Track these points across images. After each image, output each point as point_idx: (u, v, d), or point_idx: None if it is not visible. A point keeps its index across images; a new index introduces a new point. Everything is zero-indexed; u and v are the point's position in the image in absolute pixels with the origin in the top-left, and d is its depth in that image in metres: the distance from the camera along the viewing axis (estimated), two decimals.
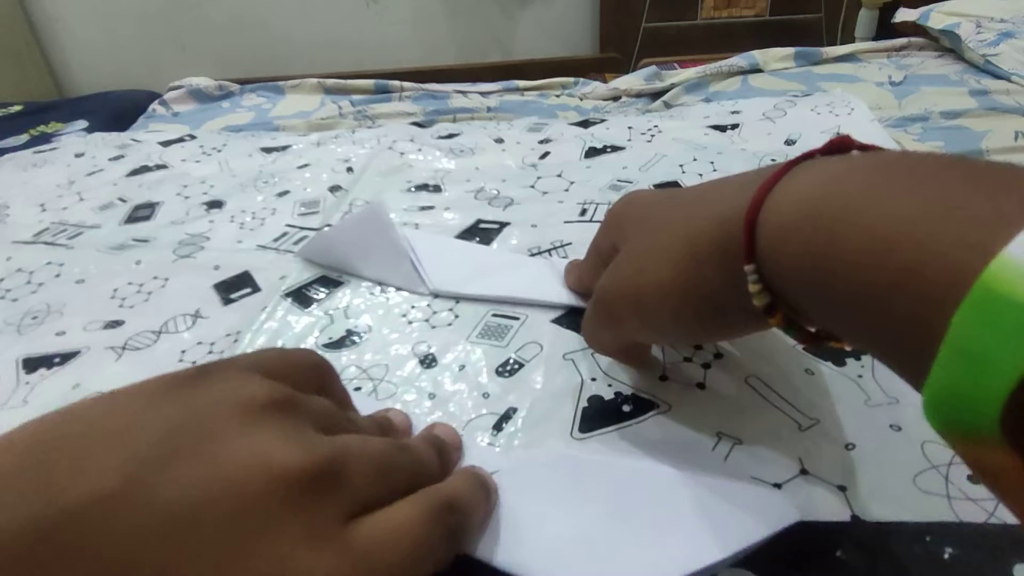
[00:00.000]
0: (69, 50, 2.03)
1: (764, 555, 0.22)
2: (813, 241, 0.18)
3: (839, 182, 0.18)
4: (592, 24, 2.08)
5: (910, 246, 0.15)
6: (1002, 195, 0.14)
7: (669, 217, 0.25)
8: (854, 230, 0.16)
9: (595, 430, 0.28)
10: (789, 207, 0.19)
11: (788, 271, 0.19)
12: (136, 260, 0.45)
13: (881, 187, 0.17)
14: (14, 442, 0.17)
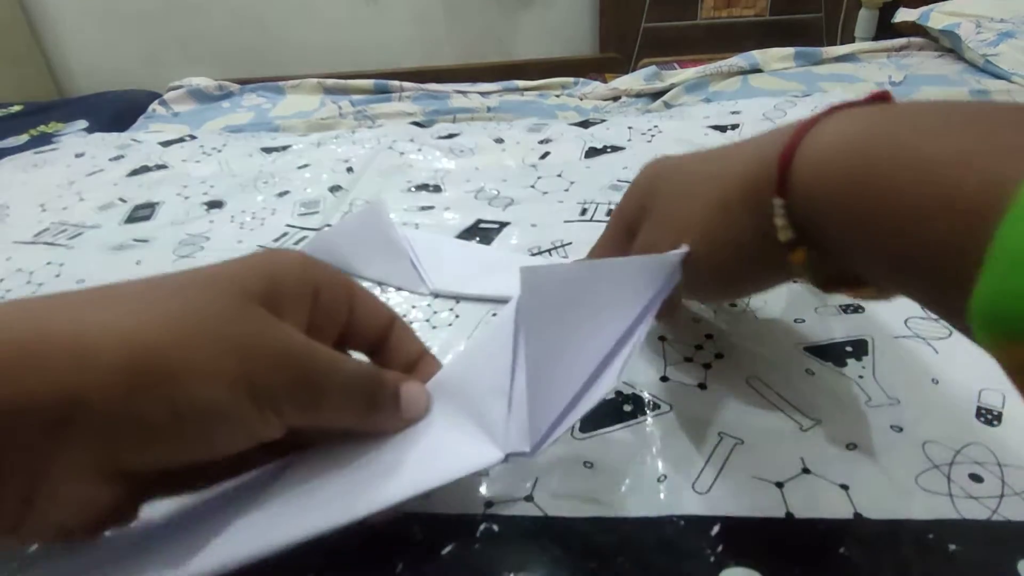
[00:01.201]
0: (69, 50, 2.03)
1: (767, 552, 0.22)
2: (856, 171, 0.18)
3: (884, 120, 0.19)
4: (592, 24, 2.08)
5: (955, 170, 0.16)
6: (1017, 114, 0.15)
7: (701, 170, 0.25)
8: (900, 159, 0.17)
9: (596, 430, 0.28)
10: (831, 142, 0.20)
11: (823, 203, 0.19)
12: (136, 260, 0.45)
13: (926, 123, 0.18)
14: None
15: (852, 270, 0.21)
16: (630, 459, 0.27)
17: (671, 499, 0.25)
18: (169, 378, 0.17)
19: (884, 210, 0.18)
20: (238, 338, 0.18)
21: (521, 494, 0.25)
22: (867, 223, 0.18)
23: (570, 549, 0.23)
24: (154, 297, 0.19)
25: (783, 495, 0.25)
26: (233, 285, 0.20)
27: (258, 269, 0.21)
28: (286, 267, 0.22)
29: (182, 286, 0.19)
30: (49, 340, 0.16)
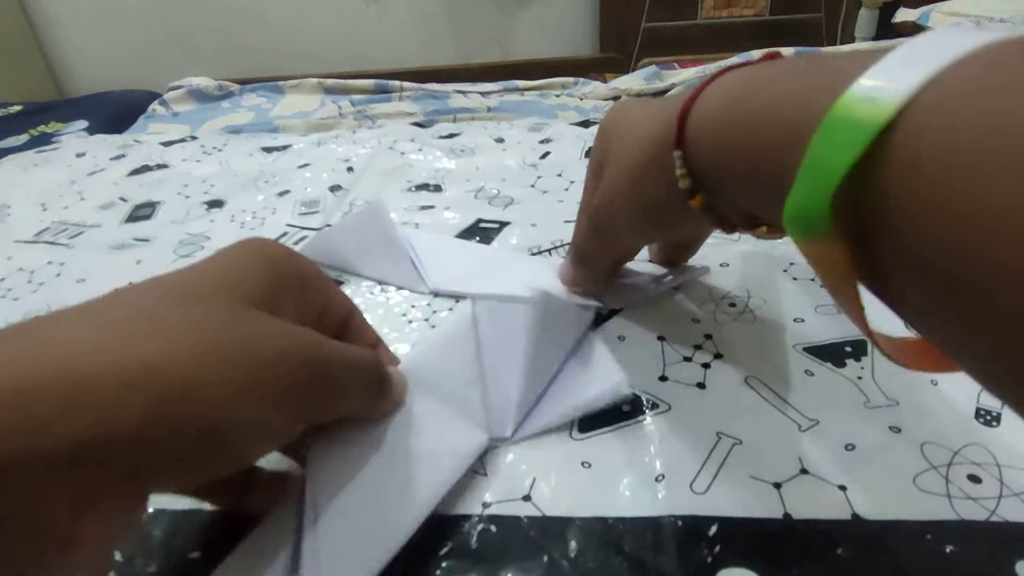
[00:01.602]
0: (69, 50, 2.03)
1: (765, 553, 0.23)
2: (728, 117, 0.22)
3: (757, 74, 0.22)
4: (592, 24, 2.08)
5: (795, 103, 0.18)
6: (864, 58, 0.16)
7: (634, 126, 0.28)
8: (755, 101, 0.20)
9: (595, 429, 0.28)
10: (716, 97, 0.23)
11: (708, 150, 0.23)
12: (137, 259, 0.46)
13: (781, 71, 0.21)
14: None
15: (745, 208, 0.24)
16: (628, 459, 0.27)
17: (669, 499, 0.25)
18: (181, 402, 0.17)
19: (746, 147, 0.20)
20: (243, 347, 0.18)
21: (519, 494, 0.25)
22: (736, 160, 0.21)
23: (568, 549, 0.23)
24: (150, 315, 0.18)
25: (781, 495, 0.25)
26: (230, 293, 0.20)
27: (252, 270, 0.21)
28: (278, 262, 0.23)
29: (177, 300, 0.19)
30: (45, 385, 0.15)
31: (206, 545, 0.24)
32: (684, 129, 0.23)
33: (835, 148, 0.15)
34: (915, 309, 0.16)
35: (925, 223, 0.14)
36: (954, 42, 0.14)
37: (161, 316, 0.18)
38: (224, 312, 0.19)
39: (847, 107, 0.15)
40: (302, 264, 0.24)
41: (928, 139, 0.14)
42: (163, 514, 0.26)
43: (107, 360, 0.16)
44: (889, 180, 0.14)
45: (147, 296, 0.19)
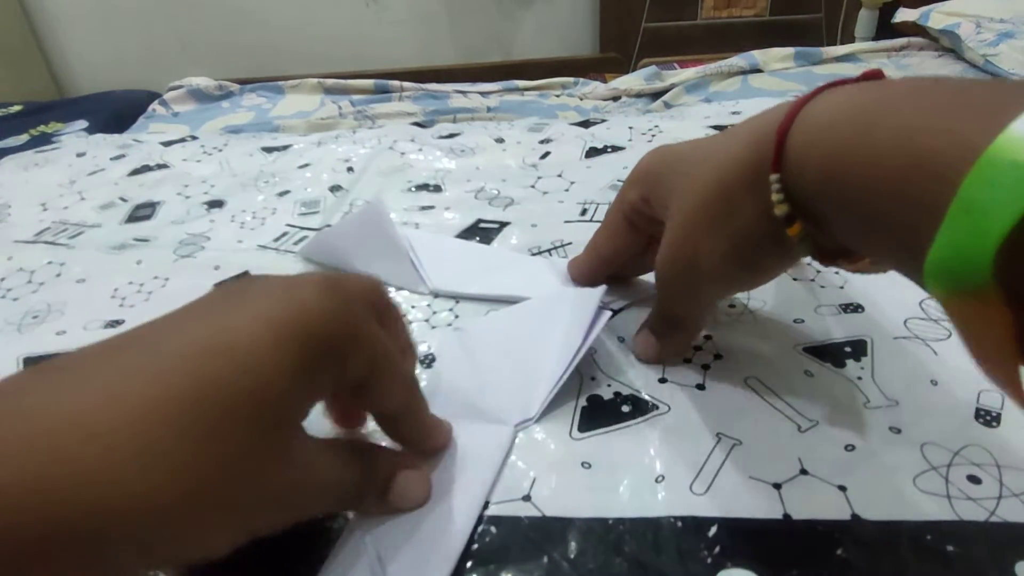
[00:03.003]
0: (69, 50, 2.03)
1: (765, 553, 0.23)
2: (841, 141, 0.19)
3: (869, 94, 0.20)
4: (592, 24, 2.08)
5: (931, 132, 0.16)
6: (1006, 93, 0.16)
7: (698, 155, 0.26)
8: (880, 127, 0.18)
9: (594, 430, 0.28)
10: (821, 117, 0.21)
11: (814, 173, 0.20)
12: (137, 259, 0.45)
13: (909, 93, 0.19)
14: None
15: (846, 242, 0.22)
16: (628, 459, 0.27)
17: (669, 499, 0.25)
18: (170, 538, 0.17)
19: (866, 175, 0.18)
20: (241, 487, 0.18)
21: (519, 494, 0.25)
22: (851, 188, 0.19)
23: (568, 549, 0.23)
24: (150, 438, 0.16)
25: (781, 496, 0.25)
26: (250, 418, 0.18)
27: (286, 369, 0.18)
28: (323, 347, 0.19)
29: (196, 419, 0.17)
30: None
31: None
32: (783, 150, 0.21)
33: (1000, 193, 0.13)
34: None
35: None
36: None
37: (163, 440, 0.16)
38: (233, 449, 0.17)
39: (1011, 147, 0.14)
40: (350, 329, 0.21)
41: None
42: None
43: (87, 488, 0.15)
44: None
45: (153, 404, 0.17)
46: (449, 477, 0.26)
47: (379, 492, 0.24)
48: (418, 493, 0.25)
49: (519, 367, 0.31)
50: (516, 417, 0.29)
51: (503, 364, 0.31)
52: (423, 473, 0.25)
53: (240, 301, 0.20)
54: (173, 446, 0.16)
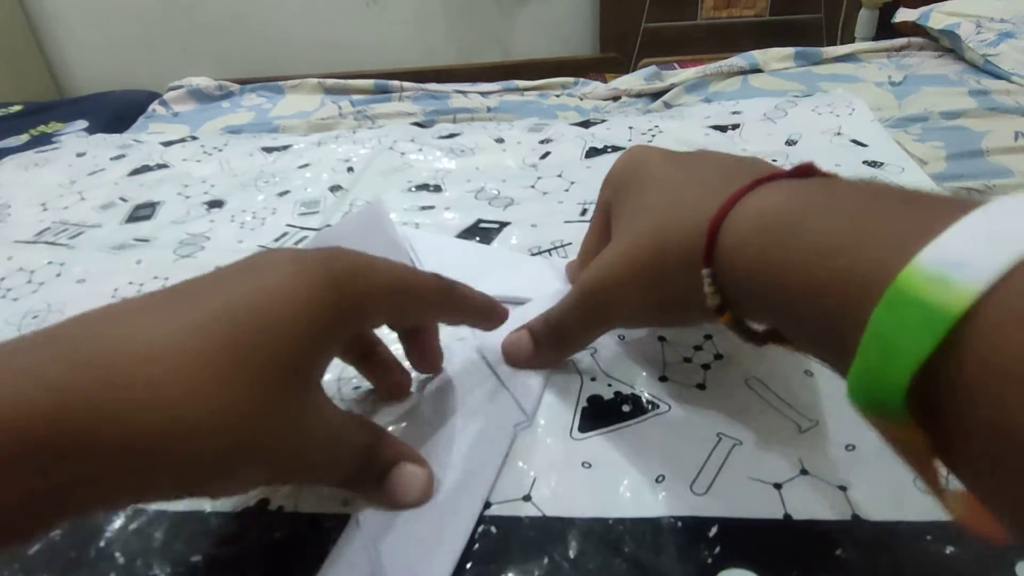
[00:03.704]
0: (69, 50, 2.03)
1: (765, 554, 0.23)
2: (767, 249, 0.20)
3: (794, 201, 0.21)
4: (592, 24, 2.08)
5: (847, 254, 0.17)
6: (928, 211, 0.16)
7: (652, 207, 0.26)
8: (803, 240, 0.19)
9: (595, 430, 0.28)
10: (749, 220, 0.22)
11: (742, 274, 0.21)
12: (137, 259, 0.45)
13: (829, 206, 0.19)
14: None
15: (777, 330, 0.24)
16: (628, 459, 0.27)
17: (669, 500, 0.25)
18: (203, 468, 0.19)
19: (785, 286, 0.19)
20: (273, 448, 0.20)
21: (519, 494, 0.25)
22: (771, 297, 0.20)
23: (568, 550, 0.23)
24: (195, 377, 0.18)
25: (781, 496, 0.25)
26: (288, 358, 0.20)
27: (309, 310, 0.21)
28: (340, 291, 0.22)
29: (233, 353, 0.19)
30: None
31: (207, 548, 0.24)
32: (714, 244, 0.22)
33: (906, 333, 0.14)
34: (983, 489, 0.15)
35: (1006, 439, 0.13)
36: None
37: (202, 371, 0.18)
38: (265, 396, 0.20)
39: (916, 284, 0.14)
40: (365, 281, 0.23)
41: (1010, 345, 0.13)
42: (164, 516, 0.26)
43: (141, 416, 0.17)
44: (965, 372, 0.13)
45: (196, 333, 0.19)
46: (450, 477, 0.26)
47: (378, 477, 0.24)
48: (416, 487, 0.25)
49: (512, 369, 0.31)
50: (515, 417, 0.29)
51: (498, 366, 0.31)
52: (425, 470, 0.25)
53: (271, 267, 0.22)
54: (214, 384, 0.18)
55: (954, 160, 0.55)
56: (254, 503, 0.26)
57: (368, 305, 0.23)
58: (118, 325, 0.19)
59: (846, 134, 0.58)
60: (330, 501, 0.26)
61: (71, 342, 0.19)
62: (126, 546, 0.24)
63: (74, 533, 0.25)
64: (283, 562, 0.24)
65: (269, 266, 0.22)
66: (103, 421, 0.17)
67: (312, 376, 0.22)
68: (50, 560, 0.24)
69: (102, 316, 0.20)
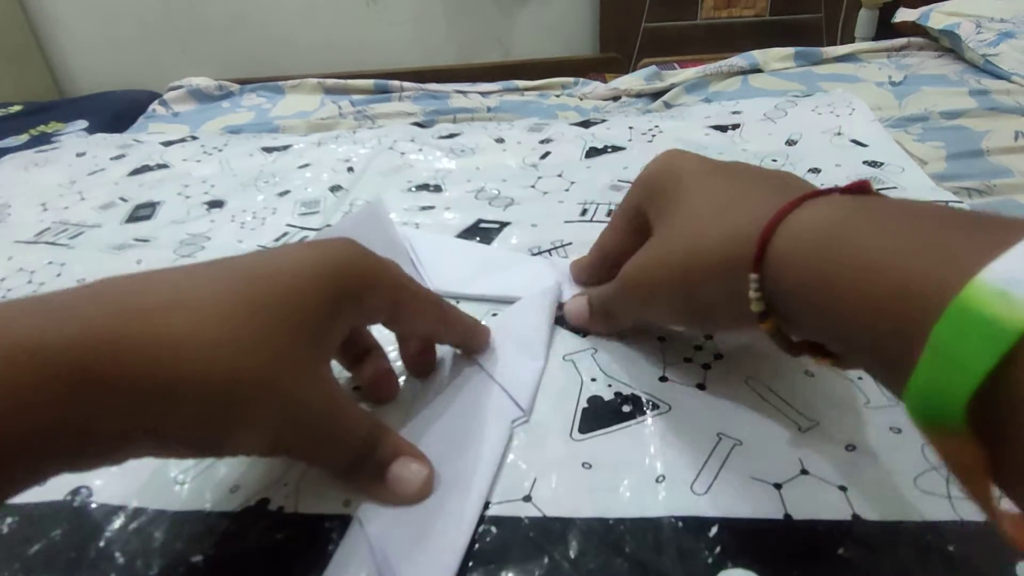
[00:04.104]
0: (69, 50, 2.03)
1: (765, 554, 0.23)
2: (818, 262, 0.21)
3: (848, 215, 0.21)
4: (592, 24, 2.08)
5: (901, 271, 0.18)
6: (979, 231, 0.17)
7: (693, 215, 0.27)
8: (857, 255, 0.19)
9: (595, 430, 0.28)
10: (801, 232, 0.22)
11: (791, 284, 0.22)
12: (137, 259, 0.45)
13: (882, 223, 0.20)
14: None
15: (822, 342, 0.24)
16: (629, 459, 0.27)
17: (669, 500, 0.25)
18: (222, 416, 0.21)
19: (837, 300, 0.20)
20: (283, 397, 0.22)
21: (520, 494, 0.25)
22: (824, 309, 0.21)
23: (569, 550, 0.23)
24: (220, 326, 0.21)
25: (781, 496, 0.25)
26: (299, 319, 0.22)
27: (312, 295, 0.23)
28: (342, 277, 0.24)
29: (250, 306, 0.22)
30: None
31: (207, 548, 0.24)
32: (765, 252, 0.22)
33: (969, 347, 0.14)
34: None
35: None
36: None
37: (233, 318, 0.21)
38: (284, 349, 0.22)
39: (979, 299, 0.14)
40: (369, 272, 0.25)
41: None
42: (164, 516, 0.26)
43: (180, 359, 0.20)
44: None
45: (226, 290, 0.22)
46: (450, 475, 0.26)
47: (377, 468, 0.25)
48: (416, 482, 0.25)
49: (508, 367, 0.31)
50: (511, 414, 0.29)
51: (493, 365, 0.32)
52: (425, 466, 0.25)
53: (288, 248, 0.25)
54: (233, 328, 0.21)
55: (954, 160, 0.55)
56: (254, 503, 0.26)
57: (367, 296, 0.25)
58: (145, 279, 0.22)
59: (846, 134, 0.58)
60: (331, 501, 0.26)
61: (97, 289, 0.21)
62: (126, 546, 0.24)
63: (74, 533, 0.25)
64: (283, 562, 0.24)
65: (286, 248, 0.25)
66: (126, 351, 0.19)
67: (321, 342, 0.23)
68: (50, 559, 0.24)
69: (129, 275, 0.22)
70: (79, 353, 0.18)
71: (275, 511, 0.25)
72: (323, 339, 0.24)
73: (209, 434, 0.21)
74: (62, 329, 0.18)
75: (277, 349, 0.21)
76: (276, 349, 0.21)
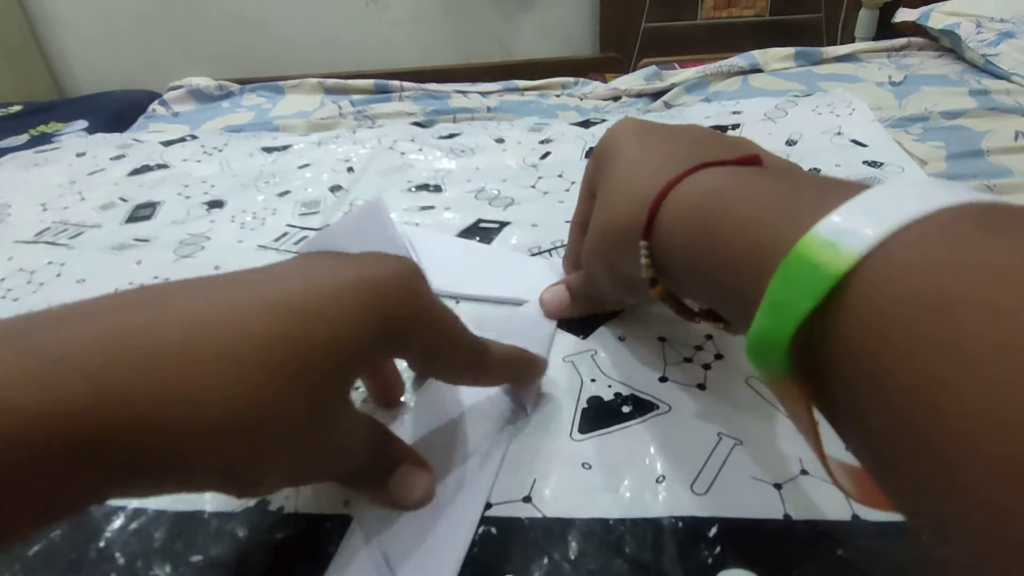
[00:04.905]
0: (69, 50, 2.03)
1: (765, 554, 0.23)
2: (698, 224, 0.22)
3: (730, 184, 0.22)
4: (592, 24, 2.08)
5: (759, 226, 0.19)
6: (828, 193, 0.17)
7: (614, 187, 0.28)
8: (728, 217, 0.21)
9: (595, 431, 0.28)
10: (685, 198, 0.23)
11: (677, 249, 0.23)
12: (137, 260, 0.45)
13: (756, 188, 0.21)
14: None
15: (706, 305, 0.25)
16: (629, 460, 0.27)
17: (669, 500, 0.25)
18: (236, 461, 0.19)
19: (710, 257, 0.21)
20: (313, 442, 0.20)
21: (519, 495, 0.25)
22: (699, 266, 0.22)
23: (569, 550, 0.23)
24: (241, 359, 0.18)
25: (782, 496, 0.25)
26: (336, 363, 0.20)
27: (364, 330, 0.20)
28: (392, 322, 0.21)
29: (288, 349, 0.19)
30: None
31: (207, 548, 0.24)
32: (653, 222, 0.24)
33: (794, 291, 0.16)
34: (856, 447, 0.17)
35: (877, 381, 0.14)
36: (917, 198, 0.15)
37: (251, 363, 0.18)
38: (311, 399, 0.19)
39: (809, 248, 0.16)
40: (420, 309, 0.22)
41: (883, 298, 0.14)
42: (164, 516, 0.26)
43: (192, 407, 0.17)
44: (843, 327, 0.15)
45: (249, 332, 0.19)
46: (451, 477, 0.26)
47: (379, 477, 0.25)
48: (419, 489, 0.25)
49: None
50: (512, 414, 0.29)
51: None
52: (426, 473, 0.25)
53: (334, 266, 0.22)
54: (261, 376, 0.18)
55: (954, 160, 0.55)
56: (254, 503, 0.26)
57: (410, 334, 0.22)
58: (158, 305, 0.19)
59: (846, 134, 0.58)
60: (330, 502, 0.26)
61: (106, 319, 0.18)
62: (126, 546, 0.24)
63: (74, 533, 0.25)
64: (283, 562, 0.24)
65: (332, 265, 0.22)
66: (141, 416, 0.16)
67: (350, 381, 0.22)
68: (50, 560, 0.24)
69: (142, 294, 0.19)
70: (90, 417, 0.16)
71: (275, 511, 0.25)
72: (357, 374, 0.22)
73: (225, 488, 0.20)
74: (68, 385, 0.16)
75: (312, 397, 0.19)
76: (311, 398, 0.19)
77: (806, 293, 0.15)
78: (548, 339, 0.33)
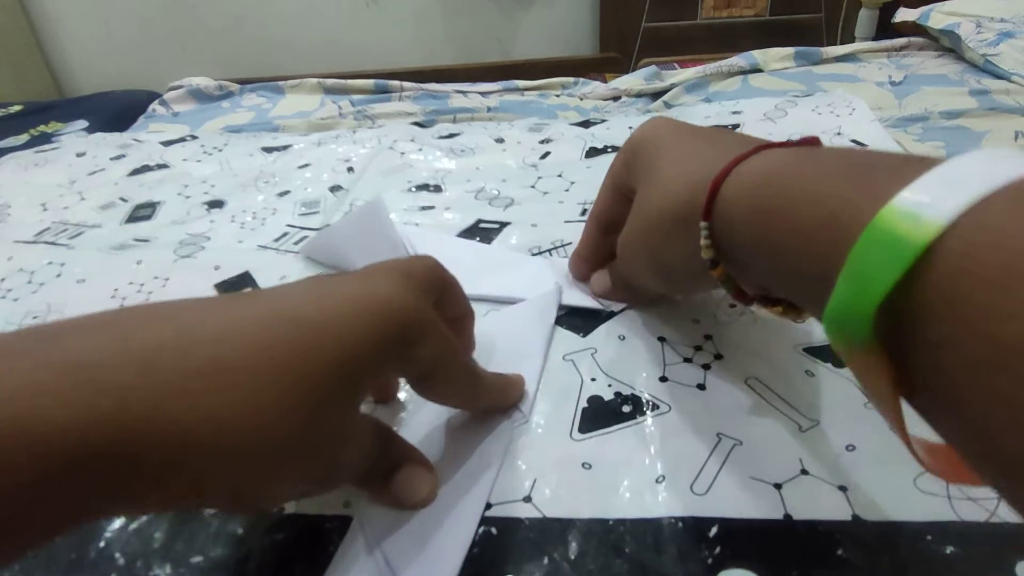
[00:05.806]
0: (69, 50, 2.03)
1: (765, 554, 0.23)
2: (761, 201, 0.22)
3: (793, 161, 0.22)
4: (592, 24, 2.08)
5: (828, 205, 0.19)
6: (905, 167, 0.17)
7: (663, 176, 0.28)
8: (790, 197, 0.21)
9: (595, 430, 0.28)
10: (750, 177, 0.23)
11: (738, 227, 0.23)
12: (137, 260, 0.45)
13: (822, 163, 0.21)
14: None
15: (767, 287, 0.25)
16: (628, 460, 0.27)
17: (669, 500, 0.25)
18: (250, 478, 0.19)
19: (772, 235, 0.21)
20: (323, 459, 0.21)
21: (520, 495, 0.25)
22: (763, 244, 0.22)
23: (569, 551, 0.23)
24: (271, 380, 0.19)
25: (781, 496, 0.25)
26: (348, 380, 0.21)
27: (373, 347, 0.21)
28: (402, 336, 0.22)
29: (300, 365, 0.19)
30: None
31: (207, 549, 0.24)
32: (714, 201, 0.24)
33: (878, 262, 0.15)
34: (940, 420, 0.17)
35: (971, 350, 0.14)
36: (998, 168, 0.15)
37: (269, 385, 0.19)
38: (324, 412, 0.20)
39: (890, 221, 0.15)
40: (427, 323, 0.23)
41: (972, 266, 0.14)
42: (164, 516, 0.26)
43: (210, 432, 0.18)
44: (930, 298, 0.15)
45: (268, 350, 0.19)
46: (451, 477, 0.26)
47: (382, 476, 0.25)
48: (419, 489, 0.25)
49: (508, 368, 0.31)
50: (512, 415, 0.29)
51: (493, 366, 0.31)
52: (429, 472, 0.25)
53: (345, 283, 0.23)
54: (278, 393, 0.19)
55: None
56: None
57: (418, 348, 0.22)
58: (179, 321, 0.19)
59: (846, 134, 0.58)
60: (331, 502, 0.26)
61: (128, 335, 0.18)
62: (126, 546, 0.24)
63: (74, 534, 0.25)
64: (283, 563, 0.24)
65: (343, 281, 0.23)
66: (163, 434, 0.17)
67: (363, 395, 0.22)
68: (50, 560, 0.24)
69: (164, 308, 0.20)
70: (113, 433, 0.16)
71: (275, 511, 0.25)
72: (366, 389, 0.22)
73: (239, 501, 0.20)
74: (91, 401, 0.16)
75: (321, 414, 0.20)
76: (321, 414, 0.20)
77: (892, 263, 0.15)
78: (547, 338, 0.33)
